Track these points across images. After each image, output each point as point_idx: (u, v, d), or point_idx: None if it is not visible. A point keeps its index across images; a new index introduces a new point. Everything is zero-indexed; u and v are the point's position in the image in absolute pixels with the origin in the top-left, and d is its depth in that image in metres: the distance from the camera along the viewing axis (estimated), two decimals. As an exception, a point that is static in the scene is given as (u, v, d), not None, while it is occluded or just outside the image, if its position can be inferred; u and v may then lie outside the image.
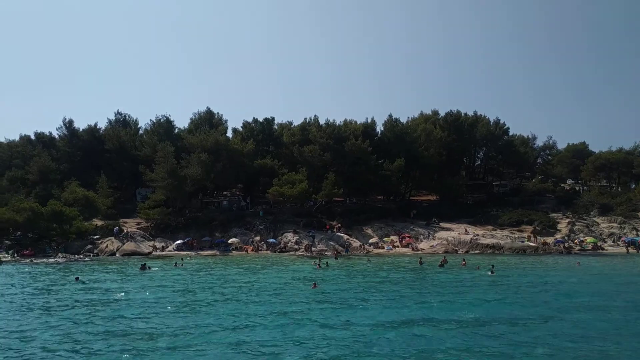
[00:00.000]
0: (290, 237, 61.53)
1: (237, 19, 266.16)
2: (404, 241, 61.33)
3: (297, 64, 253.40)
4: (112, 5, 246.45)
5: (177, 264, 44.72)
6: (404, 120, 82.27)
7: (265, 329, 20.58)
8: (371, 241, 61.30)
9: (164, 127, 79.25)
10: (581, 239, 61.58)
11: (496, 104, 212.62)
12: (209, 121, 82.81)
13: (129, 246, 56.98)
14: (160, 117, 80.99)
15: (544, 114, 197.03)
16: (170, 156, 66.16)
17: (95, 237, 59.39)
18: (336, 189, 66.56)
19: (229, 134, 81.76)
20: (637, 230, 63.58)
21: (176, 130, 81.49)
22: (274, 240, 60.43)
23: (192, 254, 55.69)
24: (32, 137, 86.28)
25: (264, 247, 59.78)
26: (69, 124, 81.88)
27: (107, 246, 57.34)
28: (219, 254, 56.84)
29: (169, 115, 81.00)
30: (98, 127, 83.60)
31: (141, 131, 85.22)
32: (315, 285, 31.05)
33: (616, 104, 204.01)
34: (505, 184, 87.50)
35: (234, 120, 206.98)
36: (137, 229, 63.72)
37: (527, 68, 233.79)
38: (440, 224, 67.39)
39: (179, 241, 59.91)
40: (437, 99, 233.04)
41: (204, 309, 25.04)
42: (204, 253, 56.81)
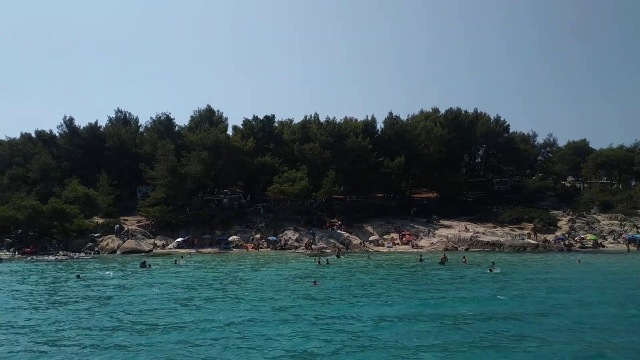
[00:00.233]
0: (290, 234, 61.60)
1: (238, 16, 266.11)
2: (404, 239, 61.38)
3: (297, 61, 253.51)
4: (112, 2, 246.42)
5: (177, 261, 44.72)
6: (404, 117, 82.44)
7: (266, 324, 20.68)
8: (371, 239, 61.34)
9: (164, 124, 79.23)
10: (582, 236, 61.60)
11: (496, 101, 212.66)
12: (209, 119, 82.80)
13: (130, 244, 57.04)
14: (161, 115, 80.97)
15: (544, 112, 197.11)
16: (171, 154, 66.20)
17: (96, 235, 59.47)
18: (336, 186, 66.64)
19: (229, 131, 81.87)
20: (637, 228, 63.59)
21: (176, 128, 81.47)
22: (274, 238, 60.48)
23: (192, 251, 55.75)
24: (33, 135, 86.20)
25: (265, 244, 59.84)
26: (69, 122, 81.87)
27: (107, 244, 57.40)
28: (220, 251, 56.90)
29: (169, 113, 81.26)
30: (99, 125, 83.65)
31: (141, 129, 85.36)
32: (315, 283, 31.10)
33: (617, 101, 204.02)
34: (506, 181, 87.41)
35: (235, 118, 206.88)
36: (138, 226, 63.84)
37: (528, 66, 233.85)
38: (441, 221, 67.46)
39: (179, 239, 59.96)
40: (437, 97, 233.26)
41: (204, 305, 25.12)
42: (204, 251, 56.88)
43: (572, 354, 16.37)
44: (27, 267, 42.93)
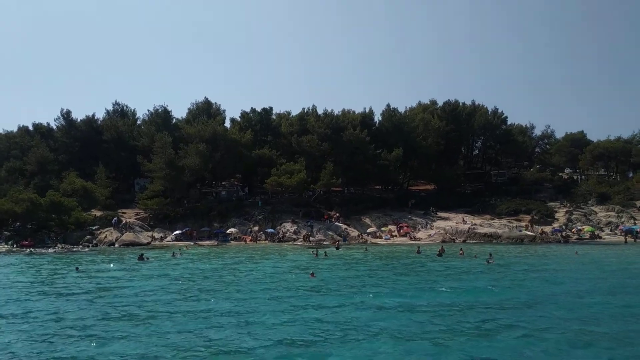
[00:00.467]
0: (288, 227, 61.71)
1: (235, 8, 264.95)
2: (401, 231, 61.56)
3: (295, 54, 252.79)
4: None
5: (174, 254, 44.72)
6: (402, 110, 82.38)
7: (264, 314, 20.83)
8: (369, 231, 61.51)
9: (161, 117, 79.10)
10: (579, 227, 61.87)
11: (494, 93, 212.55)
12: (206, 111, 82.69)
13: (128, 236, 57.10)
14: (158, 108, 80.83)
15: (542, 104, 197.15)
16: (168, 146, 66.16)
17: (94, 228, 59.53)
18: (334, 178, 66.74)
19: (227, 124, 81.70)
20: (634, 219, 63.86)
21: (174, 121, 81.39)
22: (272, 230, 60.59)
23: (190, 244, 55.88)
24: (30, 128, 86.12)
25: (263, 237, 59.97)
26: (66, 115, 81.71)
27: (105, 237, 57.47)
28: (218, 244, 56.98)
29: (167, 106, 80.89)
30: (96, 118, 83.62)
31: (139, 121, 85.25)
32: (313, 275, 31.17)
33: (614, 93, 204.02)
34: (503, 173, 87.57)
35: (232, 111, 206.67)
36: (136, 219, 63.88)
37: (526, 58, 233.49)
38: (438, 213, 67.65)
39: (177, 231, 60.04)
40: (435, 88, 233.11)
41: (202, 296, 25.26)
42: (202, 243, 56.98)
43: (557, 342, 16.68)
44: (26, 260, 42.94)
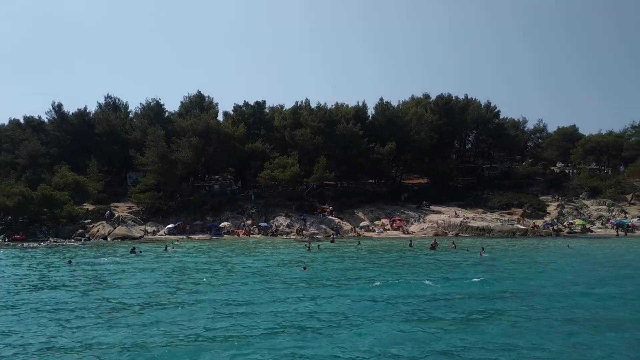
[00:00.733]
0: (281, 220, 61.71)
1: (226, 2, 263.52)
2: (394, 224, 61.74)
3: (288, 46, 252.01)
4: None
5: (167, 247, 44.64)
6: (395, 104, 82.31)
7: (258, 305, 21.10)
8: (362, 224, 61.66)
9: (154, 110, 78.58)
10: (570, 221, 62.24)
11: (487, 87, 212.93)
12: (199, 104, 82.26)
13: (121, 230, 56.95)
14: (151, 101, 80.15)
15: (535, 98, 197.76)
16: (161, 140, 65.87)
17: (86, 222, 59.24)
18: (327, 172, 66.72)
19: (220, 117, 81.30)
20: (625, 213, 64.35)
21: (166, 114, 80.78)
22: (265, 224, 60.58)
23: (183, 237, 55.80)
24: (22, 121, 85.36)
25: (256, 230, 59.96)
26: (58, 108, 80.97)
27: (98, 230, 57.27)
28: (211, 237, 56.96)
29: (159, 99, 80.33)
30: (88, 111, 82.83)
31: (131, 115, 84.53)
32: (305, 268, 31.28)
33: (606, 87, 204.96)
34: (496, 167, 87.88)
35: (225, 104, 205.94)
36: (128, 213, 63.65)
37: (518, 52, 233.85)
38: (431, 207, 67.80)
39: (170, 225, 59.87)
40: (428, 83, 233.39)
41: (195, 287, 25.50)
42: (195, 237, 56.91)
43: (539, 331, 17.26)
44: (18, 253, 42.76)
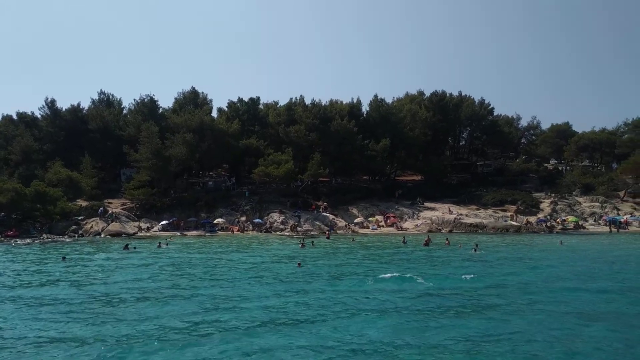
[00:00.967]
0: (276, 217, 61.72)
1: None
2: (388, 221, 61.91)
3: (282, 42, 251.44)
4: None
5: (160, 244, 44.53)
6: (389, 100, 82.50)
7: (251, 300, 21.23)
8: (356, 221, 61.76)
9: (148, 106, 78.27)
10: (563, 218, 62.68)
11: (481, 84, 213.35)
12: (193, 101, 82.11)
13: (114, 227, 56.77)
14: (145, 97, 79.78)
15: (529, 95, 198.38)
16: (155, 136, 65.65)
17: (79, 218, 59.01)
18: (322, 169, 66.78)
19: (214, 113, 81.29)
20: (618, 210, 64.79)
21: (160, 110, 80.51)
22: (259, 221, 60.55)
23: (177, 234, 55.69)
24: (14, 117, 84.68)
25: (250, 227, 59.94)
26: (51, 104, 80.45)
27: (91, 227, 57.04)
28: (205, 234, 56.87)
29: (153, 95, 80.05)
30: (81, 107, 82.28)
31: (125, 111, 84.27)
32: (300, 265, 31.32)
33: (599, 85, 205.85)
34: (490, 164, 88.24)
35: (219, 100, 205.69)
36: (122, 209, 63.47)
37: (512, 49, 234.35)
38: (425, 203, 68.12)
39: (164, 222, 59.66)
40: (422, 80, 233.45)
41: (189, 282, 25.63)
42: (189, 233, 56.81)
43: (523, 323, 17.77)
44: (11, 249, 42.59)
